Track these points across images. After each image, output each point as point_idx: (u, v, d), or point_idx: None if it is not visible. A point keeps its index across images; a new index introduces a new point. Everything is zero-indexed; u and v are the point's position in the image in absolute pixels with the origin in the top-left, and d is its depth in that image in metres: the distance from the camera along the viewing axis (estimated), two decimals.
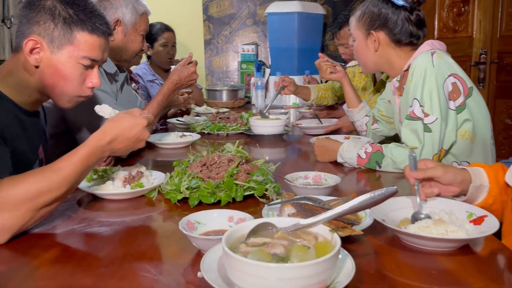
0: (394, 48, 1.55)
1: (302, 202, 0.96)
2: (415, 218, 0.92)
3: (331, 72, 1.96)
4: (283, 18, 3.27)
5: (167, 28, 2.93)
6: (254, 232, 0.72)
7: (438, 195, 0.99)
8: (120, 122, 1.04)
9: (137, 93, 2.15)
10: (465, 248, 0.84)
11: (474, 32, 3.72)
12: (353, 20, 1.63)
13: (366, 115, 1.89)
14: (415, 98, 1.42)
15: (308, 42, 3.33)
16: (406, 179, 1.01)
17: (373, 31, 1.55)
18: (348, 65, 2.27)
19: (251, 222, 0.73)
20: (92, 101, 1.58)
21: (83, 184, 1.20)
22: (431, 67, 1.41)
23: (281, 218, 0.76)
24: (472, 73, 3.67)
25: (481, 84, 3.67)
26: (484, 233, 0.79)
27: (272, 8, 3.35)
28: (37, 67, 1.12)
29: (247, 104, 3.44)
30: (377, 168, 1.42)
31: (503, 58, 3.69)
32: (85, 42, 1.14)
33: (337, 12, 3.66)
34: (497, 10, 3.66)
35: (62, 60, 1.12)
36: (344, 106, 1.98)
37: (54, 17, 1.10)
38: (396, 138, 1.77)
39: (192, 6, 3.75)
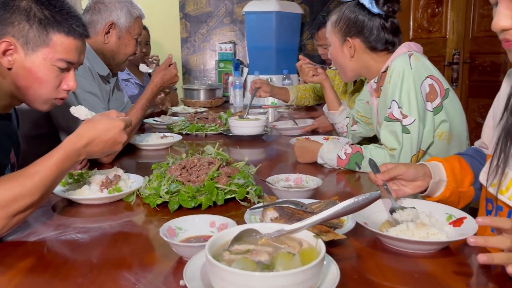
0: (369, 54, 1.57)
1: (285, 205, 0.95)
2: (392, 210, 0.95)
3: (313, 75, 1.96)
4: (260, 17, 3.26)
5: None
6: (237, 238, 0.71)
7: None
8: (96, 125, 1.01)
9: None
10: (445, 250, 0.85)
11: (448, 33, 3.80)
12: (329, 25, 1.63)
13: (347, 117, 1.90)
14: (393, 100, 1.43)
15: (286, 41, 3.33)
16: (373, 182, 1.04)
17: (349, 38, 1.56)
18: (331, 67, 2.27)
19: (234, 229, 0.72)
20: (81, 103, 1.55)
21: (58, 189, 1.16)
22: (409, 69, 1.43)
23: (264, 224, 0.75)
24: (445, 73, 3.75)
25: (455, 84, 3.75)
26: (463, 235, 0.80)
27: (249, 7, 3.33)
28: (10, 69, 1.08)
29: (225, 104, 3.41)
30: (357, 169, 1.43)
31: (475, 58, 3.78)
32: (61, 44, 1.10)
33: (314, 11, 3.68)
34: (470, 11, 3.75)
35: (37, 62, 1.09)
36: (324, 108, 1.99)
37: (29, 18, 1.06)
38: (375, 139, 1.79)
39: (168, 4, 3.69)
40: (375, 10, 1.49)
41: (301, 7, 3.51)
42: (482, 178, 1.01)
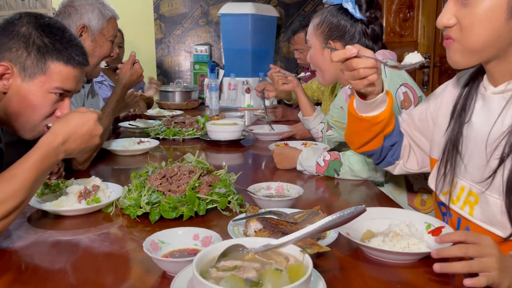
0: None
1: (268, 216, 0.96)
2: None
3: (283, 83, 1.97)
4: (236, 20, 3.25)
5: None
6: (224, 254, 0.71)
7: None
8: (69, 120, 0.99)
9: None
10: (426, 259, 0.87)
11: (419, 37, 3.89)
12: (310, 27, 1.64)
13: (321, 122, 1.92)
14: None
15: (262, 44, 3.33)
16: None
17: (330, 41, 1.57)
18: (300, 75, 2.24)
19: (220, 245, 0.72)
20: None
21: (34, 200, 1.12)
22: (383, 78, 1.45)
23: (251, 239, 0.75)
24: (417, 76, 3.84)
25: (425, 87, 3.85)
26: (443, 247, 0.83)
27: (225, 9, 3.32)
28: (4, 93, 1.05)
29: (201, 106, 3.39)
30: (336, 176, 1.45)
31: (444, 62, 3.89)
32: (58, 72, 1.08)
33: (290, 14, 3.70)
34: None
35: (33, 89, 1.06)
36: (299, 114, 2.00)
37: (27, 45, 1.04)
38: None
39: (142, 5, 3.64)
40: (358, 15, 1.51)
41: (276, 9, 3.52)
42: (431, 182, 1.05)
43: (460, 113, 0.96)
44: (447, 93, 1.06)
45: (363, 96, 1.06)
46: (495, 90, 0.89)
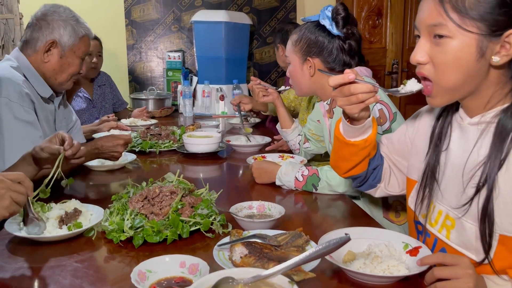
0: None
1: (252, 240, 0.98)
2: None
3: (264, 95, 1.99)
4: (210, 27, 3.25)
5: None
6: (215, 286, 0.72)
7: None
8: None
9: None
10: (405, 280, 0.91)
11: (387, 44, 4.01)
12: (289, 44, 1.67)
13: (299, 134, 1.95)
14: None
15: (235, 51, 3.35)
16: None
17: (309, 58, 1.60)
18: (280, 89, 2.28)
19: (210, 277, 0.73)
20: (3, 133, 1.47)
21: (12, 227, 1.10)
22: None
23: (240, 270, 0.77)
24: (385, 82, 3.95)
25: None
26: (421, 268, 0.87)
27: (198, 16, 3.31)
28: None
29: (174, 113, 3.38)
30: (314, 191, 1.49)
31: (412, 67, 4.02)
32: None
33: (262, 21, 3.72)
34: (407, 23, 3.98)
35: None
36: (278, 126, 2.03)
37: None
38: (326, 155, 1.86)
39: (114, 10, 3.58)
40: (335, 31, 1.55)
41: (249, 16, 3.55)
42: (411, 203, 1.09)
43: (438, 141, 1.00)
44: (424, 118, 1.10)
45: (349, 120, 1.07)
46: (471, 121, 0.94)
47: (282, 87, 2.11)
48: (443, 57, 0.88)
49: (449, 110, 1.01)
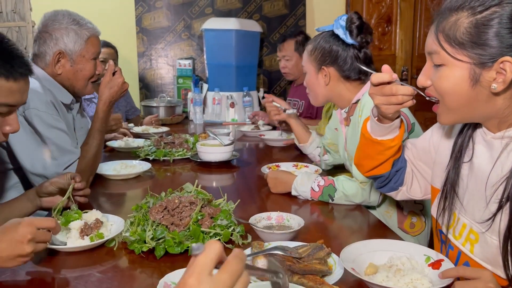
0: (343, 82, 1.64)
1: (274, 252, 0.98)
2: None
3: (275, 114, 2.06)
4: (220, 35, 3.27)
5: (106, 44, 2.81)
6: None
7: None
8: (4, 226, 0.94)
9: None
10: None
11: (397, 51, 4.01)
12: (305, 54, 1.69)
13: (318, 147, 1.97)
14: None
15: (246, 58, 3.36)
16: None
17: (324, 67, 1.62)
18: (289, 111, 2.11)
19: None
20: (45, 142, 1.49)
21: None
22: None
23: (265, 283, 0.77)
24: None
25: None
26: (445, 282, 0.87)
27: (208, 24, 3.34)
28: None
29: (185, 120, 3.40)
30: (330, 201, 1.49)
31: None
32: (0, 88, 1.04)
33: (272, 28, 3.74)
34: (416, 30, 3.99)
35: None
36: (296, 141, 2.05)
37: None
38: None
39: (125, 18, 3.61)
40: (349, 41, 1.56)
41: (259, 23, 3.56)
42: (433, 211, 1.10)
43: (458, 153, 1.00)
44: (449, 128, 1.10)
45: (377, 119, 1.10)
46: (495, 136, 0.94)
47: (293, 110, 2.06)
48: (441, 82, 0.92)
49: (470, 124, 1.01)
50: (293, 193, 1.54)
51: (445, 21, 0.90)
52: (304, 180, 1.52)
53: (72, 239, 1.12)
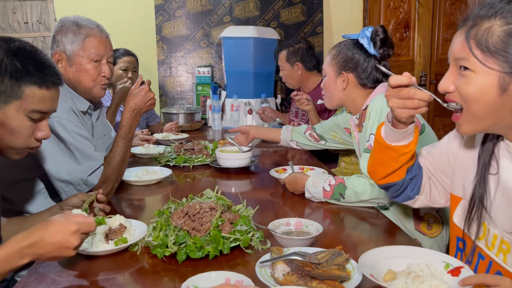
0: (359, 89, 1.69)
1: (293, 258, 1.00)
2: None
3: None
4: (238, 43, 3.31)
5: (127, 53, 2.88)
6: None
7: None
8: (48, 225, 0.96)
9: None
10: None
11: (415, 56, 3.99)
12: (328, 57, 1.74)
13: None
14: (371, 134, 1.53)
15: (263, 66, 3.40)
16: None
17: (344, 72, 1.67)
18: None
19: None
20: (70, 148, 1.53)
21: None
22: (386, 107, 1.53)
23: None
24: None
25: None
26: None
27: (227, 32, 3.38)
28: None
29: (203, 126, 3.45)
30: (341, 199, 1.51)
31: (439, 79, 3.97)
32: (33, 96, 1.08)
33: (290, 35, 3.77)
34: (434, 35, 3.96)
35: (10, 114, 1.07)
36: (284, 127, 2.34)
37: (0, 71, 1.04)
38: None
39: (145, 27, 3.69)
40: (372, 51, 1.60)
41: (276, 31, 3.60)
42: (457, 221, 1.09)
43: (483, 167, 1.00)
44: (467, 136, 1.09)
45: (392, 124, 1.08)
46: None
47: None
48: (467, 88, 0.91)
49: (493, 135, 1.01)
50: (307, 195, 1.57)
51: (477, 27, 0.90)
52: (316, 182, 1.55)
53: (97, 243, 1.16)
